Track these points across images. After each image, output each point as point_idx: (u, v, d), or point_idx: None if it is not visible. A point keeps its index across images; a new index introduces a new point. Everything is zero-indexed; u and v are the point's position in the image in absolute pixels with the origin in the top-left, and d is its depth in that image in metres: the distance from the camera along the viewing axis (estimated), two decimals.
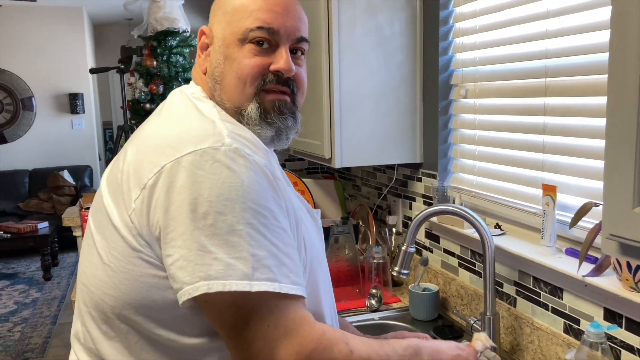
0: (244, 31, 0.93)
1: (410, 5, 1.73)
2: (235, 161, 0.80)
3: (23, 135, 6.63)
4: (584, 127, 1.21)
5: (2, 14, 6.15)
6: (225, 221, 0.77)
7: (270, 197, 0.82)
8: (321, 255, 0.99)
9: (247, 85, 0.93)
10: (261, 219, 0.79)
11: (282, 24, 0.94)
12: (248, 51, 0.93)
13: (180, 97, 0.97)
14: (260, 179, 0.81)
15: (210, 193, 0.78)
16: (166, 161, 0.81)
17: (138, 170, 0.84)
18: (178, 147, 0.81)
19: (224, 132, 0.84)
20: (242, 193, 0.79)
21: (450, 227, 1.63)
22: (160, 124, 0.92)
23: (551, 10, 1.27)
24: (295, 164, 2.76)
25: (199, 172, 0.79)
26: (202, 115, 0.89)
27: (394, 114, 1.77)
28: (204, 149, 0.80)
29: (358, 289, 1.85)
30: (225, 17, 0.96)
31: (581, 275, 1.14)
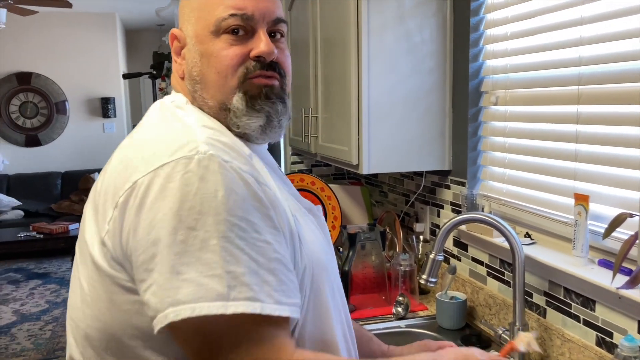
0: (216, 22, 0.86)
1: (440, 12, 1.72)
2: (209, 170, 0.74)
3: (56, 138, 6.80)
4: (618, 136, 1.19)
5: (38, 21, 6.32)
6: (196, 237, 0.70)
7: (250, 207, 0.75)
8: (326, 259, 0.91)
9: (228, 78, 0.87)
10: (238, 231, 0.72)
11: (255, 7, 0.87)
12: (224, 42, 0.87)
13: (159, 107, 0.92)
14: (239, 187, 0.74)
15: (181, 207, 0.71)
16: (138, 176, 0.75)
17: (112, 189, 0.79)
18: (151, 161, 0.76)
19: (200, 138, 0.78)
20: (216, 204, 0.72)
21: (479, 235, 1.62)
22: (135, 138, 0.87)
23: (585, 17, 1.25)
24: (322, 169, 2.76)
25: (170, 186, 0.73)
26: (179, 124, 0.84)
27: (423, 120, 1.76)
28: (176, 159, 0.74)
29: (384, 296, 1.84)
30: (194, 13, 0.90)
31: (615, 287, 1.12)
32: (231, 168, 0.75)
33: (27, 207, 6.10)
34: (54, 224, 5.35)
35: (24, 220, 5.90)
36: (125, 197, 0.75)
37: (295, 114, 2.52)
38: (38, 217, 5.91)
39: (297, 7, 2.37)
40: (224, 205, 0.72)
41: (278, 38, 0.91)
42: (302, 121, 2.25)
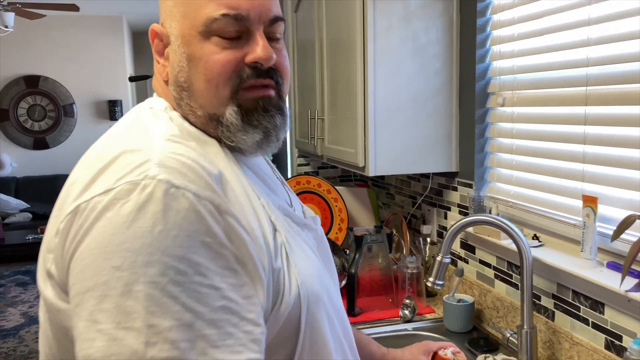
0: (206, 22, 0.75)
1: (447, 13, 1.72)
2: (152, 199, 0.63)
3: (64, 140, 6.84)
4: (626, 137, 1.18)
5: (46, 24, 6.36)
6: (120, 279, 0.60)
7: (197, 245, 0.63)
8: (320, 287, 0.79)
9: (220, 87, 0.76)
10: (174, 275, 0.61)
11: (250, 5, 0.76)
12: (215, 45, 0.76)
13: (135, 114, 0.82)
14: (186, 220, 0.63)
15: (110, 241, 0.61)
16: (81, 200, 0.66)
17: (57, 210, 0.71)
18: (97, 182, 0.67)
19: (155, 158, 0.67)
20: (151, 241, 0.61)
21: (486, 237, 1.61)
22: (94, 150, 0.76)
23: (593, 18, 1.24)
24: (329, 171, 2.76)
25: (107, 215, 0.63)
26: (144, 137, 0.73)
27: (430, 122, 1.76)
28: (121, 185, 0.64)
29: (391, 298, 1.83)
30: (179, 8, 0.78)
31: (624, 290, 1.11)
32: (183, 196, 0.64)
33: (35, 210, 6.14)
34: None
35: (32, 222, 5.94)
36: (66, 224, 0.66)
37: (301, 116, 2.52)
38: (46, 220, 5.94)
39: (303, 8, 2.37)
40: (159, 243, 0.61)
41: (276, 39, 0.81)
42: (309, 123, 2.25)
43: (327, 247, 0.95)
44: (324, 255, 0.92)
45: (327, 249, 0.95)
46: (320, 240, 0.92)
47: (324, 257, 0.91)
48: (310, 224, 0.89)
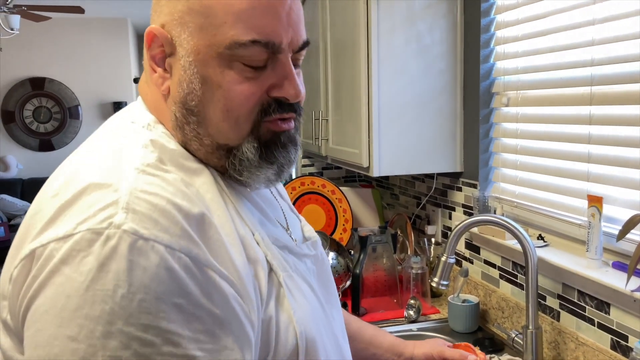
0: (230, 45, 0.64)
1: (451, 13, 1.72)
2: (115, 254, 0.54)
3: (69, 142, 6.86)
4: (632, 137, 1.17)
5: (51, 26, 6.39)
6: (76, 352, 0.52)
7: (169, 309, 0.55)
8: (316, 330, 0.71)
9: (240, 121, 0.67)
10: (139, 347, 0.53)
11: (284, 32, 0.66)
12: (237, 73, 0.65)
13: (111, 130, 0.72)
14: (155, 280, 0.54)
15: (66, 305, 0.53)
16: (37, 244, 0.57)
17: (17, 248, 0.61)
18: (57, 224, 0.58)
19: (123, 199, 0.58)
20: (112, 307, 0.53)
21: (491, 237, 1.60)
22: (66, 169, 0.66)
23: (597, 18, 1.24)
24: (333, 172, 2.76)
25: (64, 270, 0.54)
26: (114, 166, 0.63)
27: (434, 122, 1.75)
28: (82, 232, 0.55)
29: (396, 299, 1.83)
30: (195, 17, 0.65)
31: (630, 290, 1.10)
32: (151, 250, 0.55)
33: None
34: None
35: None
36: (20, 270, 0.58)
37: (305, 117, 2.52)
38: None
39: (307, 9, 2.37)
40: (122, 310, 0.53)
41: (298, 66, 0.71)
42: (313, 124, 2.25)
43: (328, 269, 0.88)
44: (324, 278, 0.85)
45: (328, 271, 0.88)
46: (320, 264, 0.85)
47: (324, 280, 0.85)
48: (308, 252, 0.81)
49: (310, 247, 0.83)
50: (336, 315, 0.85)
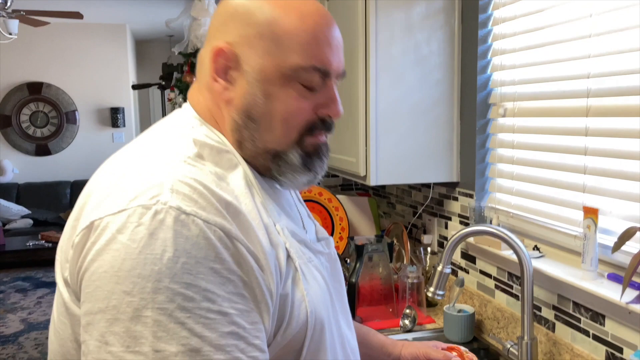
0: (294, 68, 0.77)
1: (448, 24, 1.73)
2: (163, 225, 0.65)
3: (66, 147, 6.86)
4: (628, 150, 1.18)
5: (50, 31, 6.40)
6: (130, 304, 0.63)
7: (206, 271, 0.65)
8: (326, 315, 0.81)
9: (292, 130, 0.80)
10: (182, 301, 0.63)
11: (335, 62, 0.81)
12: (295, 92, 0.79)
13: (161, 127, 0.84)
14: (195, 247, 0.65)
15: (122, 266, 0.64)
16: (96, 216, 0.69)
17: (77, 220, 0.73)
18: (112, 201, 0.69)
19: (168, 182, 0.69)
20: (160, 268, 0.63)
21: (487, 248, 1.61)
22: (115, 161, 0.79)
23: (594, 31, 1.25)
24: (330, 180, 2.77)
25: (119, 238, 0.65)
26: (160, 157, 0.75)
27: (431, 132, 1.76)
28: (134, 207, 0.66)
29: (391, 308, 1.83)
30: (263, 41, 0.78)
31: (625, 302, 1.11)
32: (192, 223, 0.66)
33: (36, 216, 6.14)
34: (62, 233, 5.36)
35: (32, 228, 5.94)
36: (80, 238, 0.69)
37: None
38: (47, 226, 5.95)
39: None
40: (168, 270, 0.63)
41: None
42: None
43: (340, 269, 0.97)
44: (335, 277, 0.93)
45: (339, 271, 0.96)
46: (333, 262, 0.94)
47: (336, 280, 0.93)
48: (322, 249, 0.90)
49: (324, 245, 0.93)
50: (345, 315, 0.92)
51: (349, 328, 0.93)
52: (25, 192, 6.46)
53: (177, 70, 3.97)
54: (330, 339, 0.81)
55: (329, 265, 0.91)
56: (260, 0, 0.80)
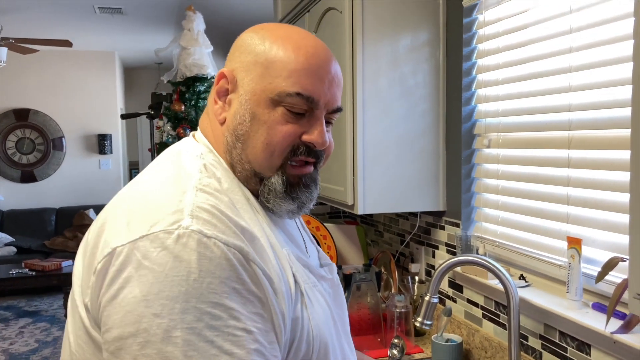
0: (280, 93, 0.80)
1: (433, 57, 1.77)
2: (186, 248, 0.68)
3: (52, 174, 6.81)
4: (610, 180, 1.21)
5: (38, 58, 6.41)
6: (160, 326, 0.65)
7: (229, 291, 0.68)
8: (330, 339, 0.84)
9: (275, 154, 0.81)
10: (210, 320, 0.66)
11: (323, 93, 0.82)
12: (280, 116, 0.81)
13: (174, 156, 0.87)
14: (218, 267, 0.68)
15: (150, 290, 0.66)
16: (118, 243, 0.71)
17: (95, 247, 0.76)
18: (133, 228, 0.72)
19: (188, 208, 0.72)
20: (187, 289, 0.66)
21: (474, 277, 1.62)
22: (131, 191, 0.82)
23: (574, 65, 1.29)
24: (318, 208, 2.77)
25: (145, 263, 0.68)
26: (176, 185, 0.78)
27: (417, 161, 1.79)
28: (155, 232, 0.70)
29: (380, 337, 1.82)
30: (257, 67, 0.82)
31: (609, 332, 1.12)
32: (214, 245, 0.69)
33: (20, 244, 6.06)
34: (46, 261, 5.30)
35: (16, 256, 5.85)
36: (103, 265, 0.71)
37: None
38: (31, 254, 5.86)
39: None
40: (195, 291, 0.66)
41: (330, 124, 0.88)
42: None
43: (342, 294, 0.98)
44: (338, 303, 0.95)
45: (342, 296, 0.98)
46: (336, 288, 0.95)
47: (339, 305, 0.95)
48: (325, 275, 0.92)
49: (327, 271, 0.95)
50: (347, 339, 0.94)
51: (352, 352, 0.95)
52: (9, 219, 6.38)
53: (165, 99, 4.00)
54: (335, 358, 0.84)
55: (332, 291, 0.93)
56: (266, 32, 0.85)
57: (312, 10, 2.08)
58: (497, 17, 1.56)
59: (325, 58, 0.84)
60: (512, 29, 1.50)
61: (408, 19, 1.75)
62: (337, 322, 0.89)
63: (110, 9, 4.70)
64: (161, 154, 0.90)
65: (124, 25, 5.37)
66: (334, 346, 0.84)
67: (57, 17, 5.03)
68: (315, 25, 2.03)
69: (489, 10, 1.60)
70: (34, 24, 5.25)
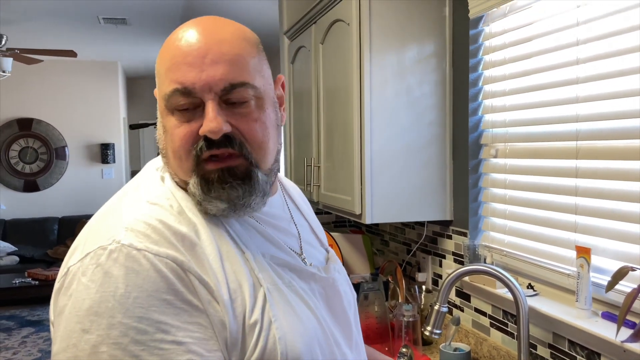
0: (164, 97, 0.78)
1: (440, 68, 1.79)
2: (116, 263, 0.69)
3: (55, 183, 6.82)
4: (618, 190, 1.22)
5: (41, 68, 6.44)
6: (88, 341, 0.66)
7: (159, 303, 0.68)
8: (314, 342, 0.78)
9: (182, 159, 0.78)
10: (135, 335, 0.66)
11: (196, 78, 0.75)
12: (176, 119, 0.78)
13: (143, 169, 0.89)
14: (147, 281, 0.68)
15: (81, 306, 0.68)
16: (72, 263, 0.73)
17: (61, 269, 0.76)
18: (85, 247, 0.73)
19: (126, 222, 0.73)
20: (113, 304, 0.67)
21: (482, 286, 1.63)
22: (100, 211, 0.84)
23: (581, 77, 1.30)
24: (323, 217, 2.78)
25: (82, 280, 0.69)
26: (130, 200, 0.79)
27: (424, 171, 1.80)
28: (94, 250, 0.71)
29: (387, 347, 1.83)
30: (156, 79, 0.82)
31: (620, 341, 1.13)
32: (143, 257, 0.69)
33: (22, 253, 6.06)
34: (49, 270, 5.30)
35: (19, 266, 5.86)
36: (59, 285, 0.73)
37: (297, 163, 2.57)
38: (34, 263, 5.86)
39: (300, 59, 2.44)
40: (120, 306, 0.67)
41: (241, 104, 0.78)
42: (305, 170, 2.29)
43: (342, 296, 0.92)
44: (334, 304, 0.89)
45: (342, 298, 0.91)
46: (331, 288, 0.89)
47: (334, 306, 0.89)
48: (316, 273, 0.87)
49: (321, 270, 0.90)
50: (348, 341, 0.89)
51: (354, 355, 0.90)
52: (12, 228, 6.39)
53: None
54: None
55: (324, 292, 0.88)
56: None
57: (319, 22, 2.10)
58: (504, 29, 1.58)
59: (193, 43, 0.76)
60: (519, 41, 1.52)
61: (414, 31, 1.77)
62: (325, 328, 0.83)
63: (115, 20, 4.73)
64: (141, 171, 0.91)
65: (127, 35, 5.41)
66: (311, 352, 0.77)
67: (62, 28, 5.06)
68: (322, 37, 2.06)
69: (496, 22, 1.62)
70: (39, 35, 5.29)
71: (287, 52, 2.68)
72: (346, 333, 0.90)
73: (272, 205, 0.90)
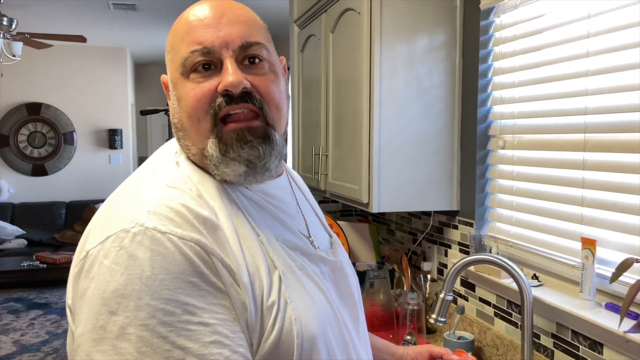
0: (182, 62, 0.79)
1: (450, 58, 1.79)
2: (141, 246, 0.69)
3: (63, 168, 6.87)
4: (625, 183, 1.23)
5: (51, 53, 6.47)
6: (116, 323, 0.67)
7: (184, 285, 0.68)
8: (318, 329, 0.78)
9: (200, 120, 0.79)
10: (163, 316, 0.67)
11: (215, 37, 0.78)
12: (192, 82, 0.79)
13: (155, 154, 0.89)
14: (172, 263, 0.69)
15: (106, 288, 0.68)
16: (90, 246, 0.74)
17: (79, 252, 0.77)
18: (105, 230, 0.74)
19: (147, 205, 0.73)
20: (140, 287, 0.67)
21: (487, 276, 1.64)
22: (116, 192, 0.84)
23: (591, 70, 1.31)
24: (329, 205, 2.80)
25: (105, 263, 0.70)
26: (148, 184, 0.79)
27: (432, 161, 1.81)
28: (116, 233, 0.71)
29: (392, 334, 1.85)
30: (169, 56, 0.84)
31: (623, 331, 1.14)
32: (168, 240, 0.70)
33: (30, 236, 6.13)
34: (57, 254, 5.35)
35: (27, 249, 5.92)
36: (79, 268, 0.74)
37: (304, 151, 2.58)
38: (41, 247, 5.93)
39: (309, 48, 2.45)
40: (147, 288, 0.67)
41: (256, 63, 0.81)
42: (313, 159, 2.30)
43: (349, 279, 0.94)
44: (342, 286, 0.91)
45: (349, 281, 0.94)
46: (339, 271, 0.91)
47: (342, 288, 0.91)
48: (325, 257, 0.89)
49: (329, 254, 0.91)
50: (355, 324, 0.91)
51: (360, 337, 0.91)
52: (20, 212, 6.45)
53: None
54: (328, 346, 0.80)
55: (333, 275, 0.90)
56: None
57: (329, 11, 2.11)
58: (514, 21, 1.58)
59: (210, 7, 0.81)
60: (529, 33, 1.52)
61: (425, 21, 1.77)
62: (335, 311, 0.85)
63: (125, 5, 4.74)
64: (151, 155, 0.91)
65: (136, 21, 5.41)
66: (326, 330, 0.79)
67: (71, 13, 5.07)
68: (333, 25, 2.06)
69: (506, 13, 1.62)
70: (48, 19, 5.30)
71: (297, 40, 2.68)
72: (353, 315, 0.92)
73: (280, 188, 0.91)
